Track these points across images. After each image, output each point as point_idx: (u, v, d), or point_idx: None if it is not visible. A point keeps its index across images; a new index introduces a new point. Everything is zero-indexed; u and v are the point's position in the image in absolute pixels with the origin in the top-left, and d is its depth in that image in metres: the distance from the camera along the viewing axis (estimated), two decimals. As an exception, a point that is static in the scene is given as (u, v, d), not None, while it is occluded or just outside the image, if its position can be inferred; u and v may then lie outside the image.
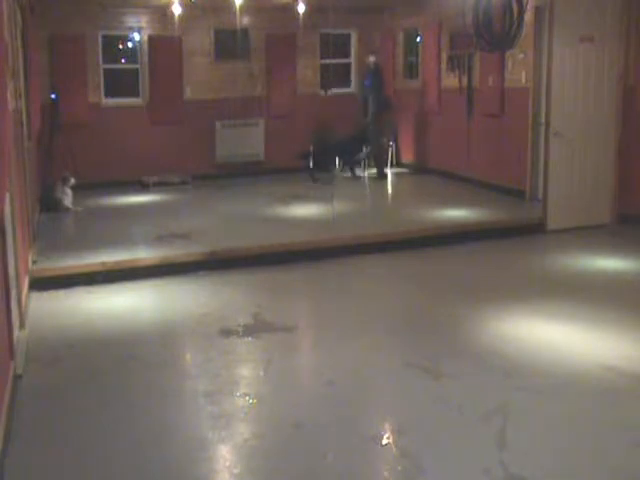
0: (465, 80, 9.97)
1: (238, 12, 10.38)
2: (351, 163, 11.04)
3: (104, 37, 10.93)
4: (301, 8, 10.62)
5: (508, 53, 8.72)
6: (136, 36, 11.14)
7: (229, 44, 11.35)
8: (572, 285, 5.81)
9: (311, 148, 10.74)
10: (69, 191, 9.01)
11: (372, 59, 10.92)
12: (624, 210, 7.77)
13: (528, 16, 8.10)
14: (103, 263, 6.16)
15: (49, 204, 8.87)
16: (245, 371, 4.31)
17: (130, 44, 11.46)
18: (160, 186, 10.66)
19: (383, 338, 4.79)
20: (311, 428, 3.51)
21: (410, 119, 11.60)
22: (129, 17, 10.93)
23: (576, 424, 3.51)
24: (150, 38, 11.01)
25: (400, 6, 11.31)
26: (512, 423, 3.48)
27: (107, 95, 11.00)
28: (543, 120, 7.90)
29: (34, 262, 6.17)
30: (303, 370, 4.45)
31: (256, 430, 3.52)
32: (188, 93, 11.30)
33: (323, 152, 10.76)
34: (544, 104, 7.84)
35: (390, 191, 10.29)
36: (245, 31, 11.37)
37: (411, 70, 11.87)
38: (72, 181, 9.05)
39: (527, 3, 7.67)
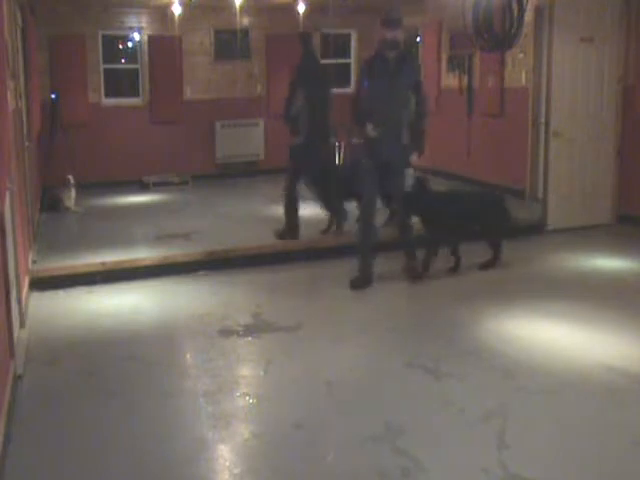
0: (465, 80, 9.97)
1: (238, 12, 10.38)
2: None
3: (104, 37, 10.93)
4: (301, 8, 10.63)
5: (508, 53, 8.73)
6: (136, 36, 11.14)
7: (229, 44, 11.35)
8: (572, 285, 5.81)
9: None
10: (73, 194, 9.01)
11: None
12: (624, 210, 7.77)
13: (528, 16, 8.10)
14: (103, 263, 6.16)
15: (49, 204, 8.88)
16: (245, 371, 4.31)
17: (130, 44, 11.46)
18: (160, 186, 10.67)
19: (383, 338, 4.79)
20: (311, 428, 3.51)
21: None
22: (129, 17, 10.93)
23: (576, 424, 3.51)
24: (150, 38, 11.01)
25: (400, 6, 11.30)
26: (512, 423, 3.48)
27: (107, 95, 11.01)
28: (543, 120, 7.90)
29: (34, 262, 6.17)
30: (303, 370, 4.44)
31: (256, 430, 3.52)
32: (188, 93, 11.31)
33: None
34: (544, 104, 7.84)
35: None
36: (245, 31, 11.38)
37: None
38: (73, 192, 9.03)
39: (527, 3, 7.68)
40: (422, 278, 5.92)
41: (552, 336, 4.66)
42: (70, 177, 9.01)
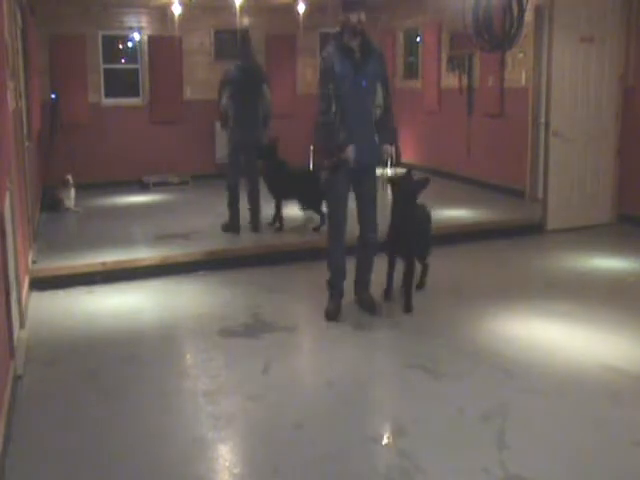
0: (465, 80, 9.97)
1: (238, 12, 10.38)
2: None
3: (104, 37, 10.94)
4: (301, 8, 10.64)
5: (508, 53, 8.73)
6: (136, 36, 11.14)
7: (229, 44, 11.35)
8: (572, 285, 5.81)
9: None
10: (72, 194, 9.00)
11: None
12: (624, 210, 7.77)
13: (528, 16, 8.10)
14: (103, 263, 6.16)
15: (49, 204, 8.87)
16: (245, 371, 4.30)
17: (130, 44, 11.47)
18: (160, 186, 10.67)
19: (383, 338, 4.79)
20: (311, 428, 3.51)
21: (410, 119, 11.59)
22: (129, 17, 10.94)
23: (576, 424, 3.51)
24: (150, 38, 11.02)
25: (400, 6, 11.32)
26: (512, 423, 3.48)
27: (107, 95, 11.01)
28: (543, 120, 7.90)
29: (34, 262, 6.17)
30: (303, 370, 4.45)
31: (256, 430, 3.52)
32: (188, 93, 11.31)
33: None
34: (544, 104, 7.84)
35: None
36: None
37: (411, 70, 11.88)
38: (73, 192, 9.01)
39: (527, 3, 7.68)
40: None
41: (552, 336, 4.66)
42: (69, 177, 9.00)
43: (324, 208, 7.13)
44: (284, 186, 7.49)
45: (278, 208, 7.54)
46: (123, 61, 11.74)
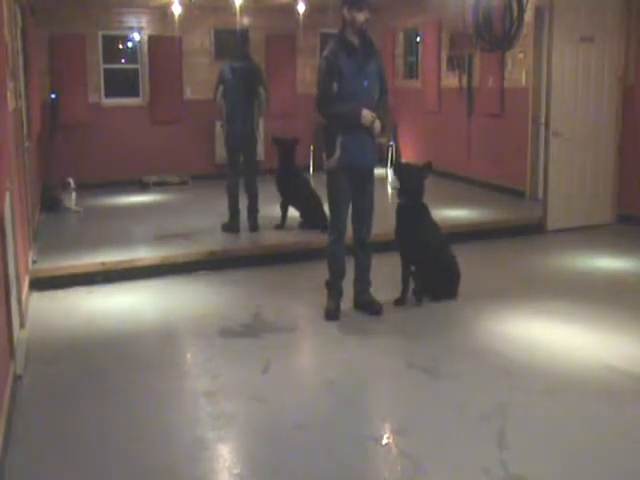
0: (465, 80, 9.97)
1: (238, 12, 10.38)
2: None
3: (104, 37, 10.95)
4: (301, 8, 10.64)
5: (508, 53, 8.73)
6: (136, 36, 11.15)
7: (229, 44, 11.35)
8: (572, 285, 5.81)
9: None
10: (73, 196, 8.99)
11: None
12: (624, 210, 7.78)
13: (528, 16, 8.11)
14: (103, 263, 6.16)
15: (49, 204, 8.87)
16: (245, 371, 4.30)
17: (130, 44, 11.47)
18: (160, 186, 10.68)
19: (383, 338, 4.79)
20: (311, 428, 3.51)
21: (410, 119, 11.60)
22: (129, 17, 10.95)
23: (576, 424, 3.51)
24: (150, 38, 11.02)
25: (400, 6, 11.31)
26: (512, 423, 3.48)
27: (107, 95, 11.02)
28: (543, 120, 7.90)
29: (34, 262, 6.17)
30: (303, 370, 4.45)
31: (256, 430, 3.52)
32: (188, 93, 11.31)
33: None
34: (544, 104, 7.84)
35: (390, 190, 10.28)
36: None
37: (411, 70, 11.88)
38: (74, 195, 9.00)
39: (527, 3, 7.69)
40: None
41: (552, 336, 4.66)
42: (71, 180, 8.99)
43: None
44: (288, 188, 7.57)
45: (283, 206, 7.57)
46: (123, 61, 11.74)
